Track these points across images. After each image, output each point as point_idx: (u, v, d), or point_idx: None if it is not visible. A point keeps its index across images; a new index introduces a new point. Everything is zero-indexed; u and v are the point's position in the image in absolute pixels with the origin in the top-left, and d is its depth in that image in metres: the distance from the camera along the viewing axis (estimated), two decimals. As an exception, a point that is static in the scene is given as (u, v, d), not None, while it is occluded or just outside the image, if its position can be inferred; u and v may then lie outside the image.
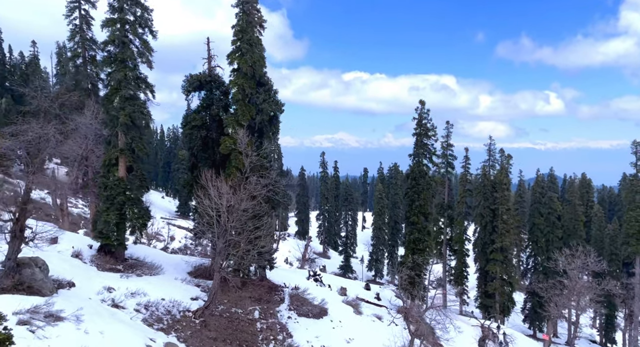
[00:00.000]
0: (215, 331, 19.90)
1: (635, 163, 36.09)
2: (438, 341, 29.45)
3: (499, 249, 44.24)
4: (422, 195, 29.67)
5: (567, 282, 31.20)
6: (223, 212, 19.39)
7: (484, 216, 45.79)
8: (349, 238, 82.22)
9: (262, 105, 23.82)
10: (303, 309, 24.52)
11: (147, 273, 23.11)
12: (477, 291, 48.56)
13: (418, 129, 30.00)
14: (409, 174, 30.09)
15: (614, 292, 28.88)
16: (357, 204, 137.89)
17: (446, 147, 51.80)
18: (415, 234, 29.78)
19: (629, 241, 36.04)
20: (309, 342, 22.00)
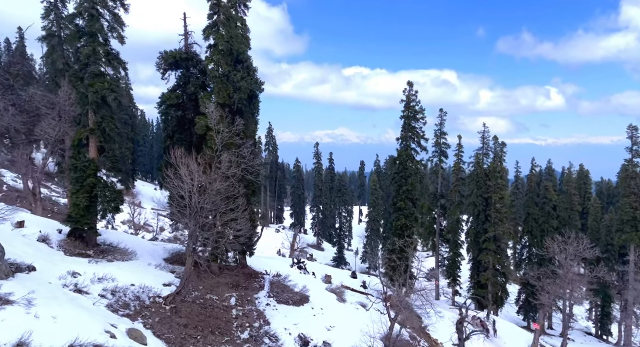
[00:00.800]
0: (186, 317, 18.94)
1: (631, 148, 35.00)
2: (426, 330, 28.59)
3: (492, 238, 43.32)
4: (410, 180, 28.64)
5: (560, 271, 30.31)
6: (194, 193, 18.34)
7: (477, 205, 44.81)
8: (342, 230, 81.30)
9: (240, 84, 22.67)
10: (283, 296, 23.58)
11: (119, 259, 22.12)
12: (470, 282, 47.77)
13: (406, 111, 28.83)
14: (396, 159, 29.00)
15: (607, 279, 27.96)
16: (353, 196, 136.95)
17: (440, 135, 50.71)
18: (402, 220, 28.79)
19: (623, 228, 35.08)
20: (287, 329, 21.07)
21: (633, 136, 34.50)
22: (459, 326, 20.66)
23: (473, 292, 46.79)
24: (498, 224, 43.19)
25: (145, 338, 15.99)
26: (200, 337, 18.20)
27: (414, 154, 29.28)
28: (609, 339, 57.77)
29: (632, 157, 34.71)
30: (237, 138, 20.47)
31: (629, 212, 33.98)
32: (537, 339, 31.35)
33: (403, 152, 28.46)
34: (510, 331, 35.90)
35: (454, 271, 46.98)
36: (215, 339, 18.56)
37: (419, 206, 29.12)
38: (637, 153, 34.41)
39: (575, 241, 29.59)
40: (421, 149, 29.57)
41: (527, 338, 33.07)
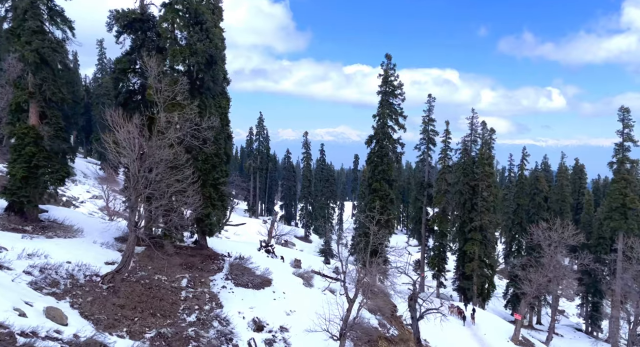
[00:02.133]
0: (125, 298, 17.13)
1: (622, 131, 33.26)
2: (400, 318, 26.95)
3: (477, 227, 41.68)
4: (385, 159, 26.86)
5: (544, 260, 28.77)
6: (133, 161, 16.48)
7: (463, 192, 43.14)
8: (330, 221, 79.51)
9: (197, 45, 20.72)
10: (242, 279, 21.82)
11: (60, 235, 20.25)
12: (455, 273, 46.23)
13: (383, 86, 26.95)
14: (372, 136, 27.19)
15: (597, 274, 26.40)
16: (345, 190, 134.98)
17: (427, 122, 48.95)
18: (377, 202, 27.03)
19: (612, 216, 33.43)
20: (240, 313, 19.32)
21: (624, 118, 32.74)
22: (411, 303, 18.76)
23: (458, 284, 45.29)
24: (484, 212, 41.55)
25: (65, 318, 14.16)
26: (138, 319, 16.40)
27: (390, 132, 27.45)
28: (599, 335, 56.61)
29: (622, 141, 32.97)
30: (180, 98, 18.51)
31: (618, 199, 32.31)
32: (519, 330, 29.81)
33: (379, 130, 26.60)
34: (491, 321, 34.40)
35: (438, 262, 45.38)
36: (156, 321, 16.78)
37: (395, 187, 27.39)
38: (628, 136, 32.74)
39: (560, 227, 27.98)
40: (399, 127, 27.74)
41: (508, 329, 31.57)
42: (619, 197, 32.38)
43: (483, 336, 29.79)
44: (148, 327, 16.24)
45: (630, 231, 30.27)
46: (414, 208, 52.49)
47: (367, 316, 22.96)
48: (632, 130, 32.53)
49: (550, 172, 79.59)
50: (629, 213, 32.59)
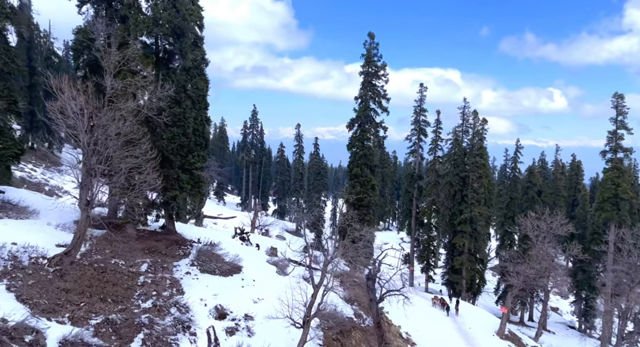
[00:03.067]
0: (72, 282, 15.83)
1: (615, 118, 31.96)
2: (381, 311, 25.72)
3: (467, 220, 40.47)
4: (367, 143, 25.57)
5: (532, 252, 27.56)
6: (82, 131, 15.14)
7: (453, 184, 41.90)
8: (321, 214, 78.08)
9: (161, 15, 19.34)
10: (210, 265, 20.55)
11: (12, 216, 18.93)
12: (444, 267, 45.08)
13: (366, 67, 25.60)
14: (353, 120, 25.86)
15: (580, 258, 25.26)
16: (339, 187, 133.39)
17: (419, 112, 47.66)
18: (358, 187, 25.75)
19: (603, 207, 32.19)
20: (203, 300, 18.05)
21: (618, 105, 31.43)
22: (369, 283, 17.28)
23: (447, 278, 44.15)
24: (474, 204, 40.34)
25: (-5, 300, 12.90)
26: (84, 304, 15.11)
27: (373, 115, 26.14)
28: (592, 332, 55.66)
29: (616, 129, 31.68)
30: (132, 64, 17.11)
31: (610, 189, 31.05)
32: (504, 324, 28.66)
33: (361, 112, 25.25)
34: (478, 315, 33.26)
35: (427, 256, 44.19)
36: (105, 307, 15.49)
37: (377, 174, 26.08)
38: (621, 124, 31.47)
39: (549, 217, 26.77)
40: (382, 110, 26.42)
41: (495, 323, 30.40)
42: (611, 187, 31.10)
43: (468, 330, 28.63)
44: (95, 313, 14.96)
45: (622, 222, 29.13)
46: (405, 201, 51.26)
47: (342, 306, 21.75)
48: (625, 118, 31.24)
49: (547, 170, 78.51)
50: (622, 204, 31.37)
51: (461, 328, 29.04)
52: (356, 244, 17.27)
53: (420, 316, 31.07)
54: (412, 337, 26.91)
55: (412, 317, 30.61)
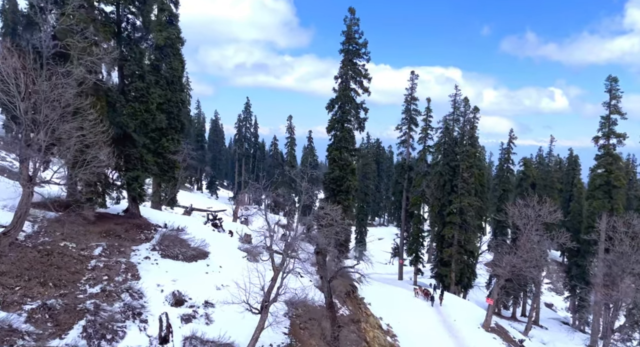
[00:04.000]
0: (10, 264, 14.52)
1: (609, 102, 30.61)
2: (358, 299, 24.55)
3: (457, 210, 39.25)
4: (347, 125, 24.25)
5: (520, 241, 26.35)
6: (19, 98, 13.78)
7: (443, 174, 40.64)
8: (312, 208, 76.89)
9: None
10: (173, 250, 19.28)
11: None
12: (433, 259, 43.91)
13: (346, 44, 24.20)
14: (333, 100, 24.49)
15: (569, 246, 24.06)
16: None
17: (410, 101, 46.35)
18: (337, 171, 24.43)
19: (595, 195, 30.91)
20: (159, 286, 16.78)
21: (612, 89, 30.05)
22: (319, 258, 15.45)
23: (436, 271, 42.97)
24: (464, 195, 39.09)
25: None
26: (20, 288, 13.82)
27: (353, 96, 24.76)
28: (587, 329, 54.67)
29: (609, 113, 30.33)
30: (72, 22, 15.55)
31: (602, 176, 29.80)
32: (490, 316, 27.50)
33: (341, 92, 23.88)
34: (464, 307, 32.13)
35: (416, 248, 42.98)
36: (44, 291, 14.20)
37: (358, 157, 24.76)
38: (615, 108, 30.12)
39: (537, 204, 25.55)
40: (363, 90, 25.00)
41: (481, 316, 29.23)
42: (603, 174, 29.82)
43: (453, 322, 27.48)
44: (31, 298, 13.66)
45: (615, 211, 27.91)
46: (395, 192, 50.03)
47: (315, 293, 20.51)
48: (619, 102, 29.89)
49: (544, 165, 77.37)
50: (614, 192, 30.12)
51: (445, 320, 27.90)
52: (324, 225, 16.00)
53: (404, 308, 29.98)
54: (393, 329, 25.76)
55: (395, 309, 29.53)
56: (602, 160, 29.38)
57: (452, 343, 24.24)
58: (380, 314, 27.37)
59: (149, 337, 14.48)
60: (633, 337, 38.68)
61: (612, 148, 29.77)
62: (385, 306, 29.36)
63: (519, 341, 28.59)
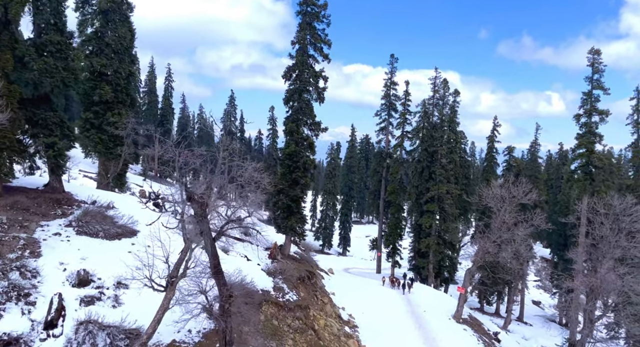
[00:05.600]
0: None
1: (591, 77, 28.58)
2: (314, 284, 22.31)
3: (434, 198, 37.17)
4: (305, 95, 22.02)
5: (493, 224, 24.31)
6: None
7: (421, 160, 38.58)
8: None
9: None
10: (93, 227, 16.92)
11: None
12: (410, 251, 41.82)
13: (304, 5, 21.91)
14: (290, 68, 22.19)
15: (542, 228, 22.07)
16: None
17: (389, 85, 44.20)
18: (293, 146, 22.20)
19: (575, 177, 28.86)
20: (63, 264, 14.43)
21: (594, 62, 28.09)
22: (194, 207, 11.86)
23: (414, 263, 40.89)
24: (443, 182, 37.03)
25: None
26: None
27: (312, 63, 22.54)
28: (575, 326, 53.01)
29: (591, 88, 28.34)
30: None
31: (583, 155, 27.84)
32: (462, 306, 25.40)
33: (298, 59, 21.60)
34: (436, 297, 30.15)
35: (394, 239, 40.80)
36: None
37: (318, 131, 22.65)
38: (597, 83, 28.16)
39: (513, 185, 23.54)
40: (323, 57, 22.75)
41: (453, 307, 27.09)
42: (584, 153, 27.82)
43: (422, 313, 25.37)
44: None
45: (597, 194, 25.98)
46: (374, 182, 47.87)
47: (261, 277, 18.27)
48: (602, 76, 27.92)
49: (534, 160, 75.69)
50: (596, 173, 28.15)
51: (415, 311, 25.78)
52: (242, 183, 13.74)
53: (372, 299, 27.91)
54: (356, 319, 23.60)
55: (362, 299, 27.39)
56: (584, 139, 27.45)
57: (418, 334, 22.12)
58: (343, 304, 25.24)
59: (32, 322, 12.15)
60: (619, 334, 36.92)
61: (594, 126, 27.88)
62: (351, 297, 27.25)
63: (494, 333, 26.55)
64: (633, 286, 20.28)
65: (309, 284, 21.78)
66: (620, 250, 21.26)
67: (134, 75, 28.06)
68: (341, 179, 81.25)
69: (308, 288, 21.37)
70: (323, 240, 74.82)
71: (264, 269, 19.77)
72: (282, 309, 17.26)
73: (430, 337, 21.92)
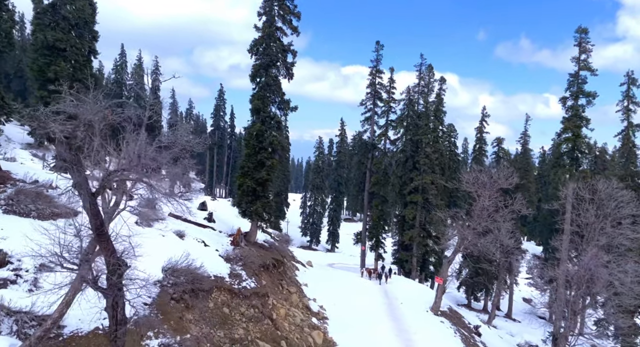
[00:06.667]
0: None
1: (578, 57, 27.22)
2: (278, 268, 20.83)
3: (418, 189, 35.80)
4: (272, 70, 20.51)
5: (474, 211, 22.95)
6: None
7: (405, 150, 37.22)
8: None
9: None
10: (26, 207, 15.37)
11: None
12: (394, 243, 40.44)
13: (270, -26, 20.51)
14: (256, 41, 20.60)
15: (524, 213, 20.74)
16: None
17: (375, 74, 42.78)
18: (258, 125, 20.70)
19: (560, 162, 27.44)
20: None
21: (581, 41, 26.65)
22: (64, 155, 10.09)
23: (397, 256, 39.52)
24: (427, 172, 35.66)
25: None
26: None
27: (280, 36, 21.01)
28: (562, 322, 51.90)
29: (578, 69, 26.98)
30: None
31: (569, 139, 26.55)
32: (440, 298, 24.03)
33: (265, 31, 20.01)
34: (415, 289, 28.75)
35: (377, 232, 39.40)
36: None
37: (287, 110, 21.12)
38: (584, 64, 26.77)
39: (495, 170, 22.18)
40: (292, 30, 21.12)
41: (431, 298, 25.69)
42: (570, 138, 26.47)
43: (399, 305, 24.00)
44: None
45: (583, 180, 24.66)
46: (358, 174, 46.48)
47: (216, 263, 16.77)
48: (589, 57, 26.59)
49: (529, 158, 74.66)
50: (582, 158, 26.88)
51: (391, 303, 24.39)
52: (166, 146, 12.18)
53: (349, 291, 26.51)
54: (327, 311, 22.16)
55: (337, 291, 26.03)
56: (570, 122, 26.12)
57: (391, 326, 20.72)
58: (316, 296, 23.81)
59: None
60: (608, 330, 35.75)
61: (580, 109, 26.55)
62: (325, 288, 25.83)
63: (475, 327, 25.22)
64: (619, 275, 19.00)
65: (274, 272, 20.30)
66: (605, 237, 19.98)
67: (95, 52, 26.46)
68: (330, 174, 79.82)
69: (273, 277, 19.89)
70: (311, 236, 73.27)
71: (222, 255, 18.29)
72: (236, 297, 15.77)
73: (403, 329, 20.53)
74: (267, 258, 20.36)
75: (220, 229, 21.83)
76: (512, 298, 50.50)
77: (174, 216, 21.13)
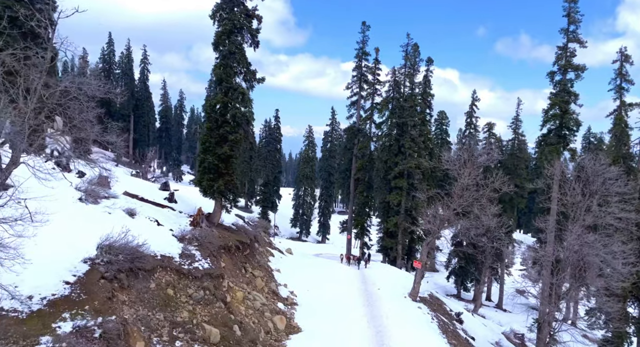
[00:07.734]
0: None
1: (567, 28, 25.75)
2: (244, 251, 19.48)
3: (403, 173, 34.45)
4: (235, 38, 18.92)
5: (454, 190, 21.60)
6: None
7: (390, 133, 35.81)
8: (270, 186, 71.42)
9: None
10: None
11: None
12: (378, 230, 39.18)
13: None
14: (218, 5, 18.77)
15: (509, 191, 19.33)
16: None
17: (361, 56, 41.33)
18: (220, 96, 19.22)
19: (548, 140, 26.12)
20: None
21: (570, 12, 24.90)
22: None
23: (382, 244, 38.26)
24: (412, 156, 34.30)
25: None
26: None
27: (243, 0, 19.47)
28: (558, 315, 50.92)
29: (567, 42, 25.50)
30: None
31: (556, 116, 25.15)
32: (418, 283, 22.78)
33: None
34: (394, 275, 27.56)
35: (362, 219, 38.14)
36: None
37: (253, 81, 19.60)
38: (573, 36, 25.29)
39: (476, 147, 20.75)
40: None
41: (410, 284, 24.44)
42: (557, 114, 25.08)
43: (376, 291, 22.75)
44: None
45: (572, 160, 23.41)
46: (344, 160, 45.12)
47: (164, 242, 15.39)
48: (578, 28, 25.10)
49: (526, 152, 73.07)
50: (570, 136, 25.52)
51: (368, 289, 23.14)
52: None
53: (324, 277, 25.28)
54: (298, 297, 20.90)
55: (311, 277, 24.78)
56: (557, 98, 24.67)
57: (364, 312, 19.47)
58: (289, 281, 22.53)
59: None
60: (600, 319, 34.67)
61: (569, 84, 25.14)
62: (301, 274, 24.58)
63: (456, 314, 24.01)
64: (605, 257, 17.76)
65: (237, 255, 18.96)
66: (591, 216, 18.71)
67: (53, 23, 24.83)
68: (320, 164, 78.39)
69: (235, 259, 18.54)
70: (300, 227, 72.00)
71: (176, 235, 16.91)
72: (184, 278, 14.41)
73: (377, 315, 19.27)
74: (230, 240, 19.00)
75: (180, 210, 20.45)
76: (502, 288, 49.43)
77: (130, 194, 19.73)
